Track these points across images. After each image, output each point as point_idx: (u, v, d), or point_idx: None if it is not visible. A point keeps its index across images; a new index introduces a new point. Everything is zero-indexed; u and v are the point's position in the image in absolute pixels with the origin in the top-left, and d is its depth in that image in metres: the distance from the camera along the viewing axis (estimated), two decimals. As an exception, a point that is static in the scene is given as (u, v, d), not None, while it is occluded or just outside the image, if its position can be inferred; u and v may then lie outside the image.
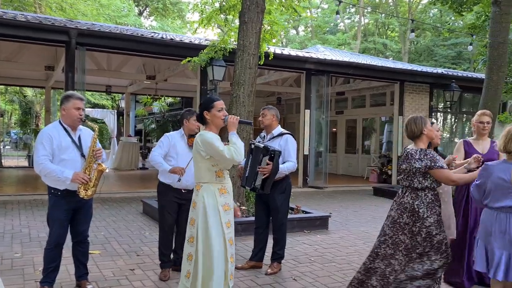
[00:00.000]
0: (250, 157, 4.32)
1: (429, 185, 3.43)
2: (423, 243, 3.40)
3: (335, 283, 4.39)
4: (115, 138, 17.15)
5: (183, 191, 4.34)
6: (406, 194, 3.50)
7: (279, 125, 4.72)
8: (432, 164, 3.38)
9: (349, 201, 10.00)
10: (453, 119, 15.37)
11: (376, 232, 6.67)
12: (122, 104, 19.86)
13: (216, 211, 3.18)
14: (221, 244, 3.15)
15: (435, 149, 3.84)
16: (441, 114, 14.70)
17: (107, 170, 3.78)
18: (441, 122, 14.75)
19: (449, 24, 27.37)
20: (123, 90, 17.92)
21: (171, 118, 18.17)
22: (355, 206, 9.38)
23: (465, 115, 15.03)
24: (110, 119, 17.36)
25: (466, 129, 14.93)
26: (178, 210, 4.41)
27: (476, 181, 3.33)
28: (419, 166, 3.41)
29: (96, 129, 3.80)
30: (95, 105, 24.33)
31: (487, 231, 3.24)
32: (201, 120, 3.35)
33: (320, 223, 6.90)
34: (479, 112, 4.33)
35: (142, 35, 10.10)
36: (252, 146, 4.35)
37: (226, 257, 3.18)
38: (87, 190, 3.65)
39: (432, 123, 3.82)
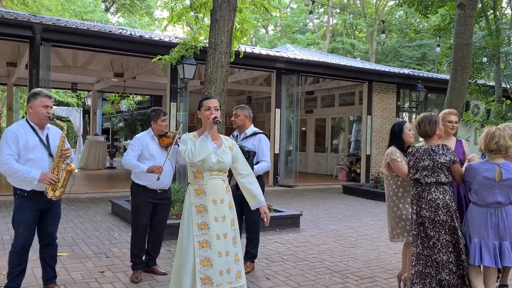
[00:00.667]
0: None
1: (451, 179, 3.58)
2: (462, 237, 3.51)
3: (308, 281, 4.41)
4: (81, 137, 16.74)
5: (159, 191, 4.28)
6: (433, 190, 3.52)
7: (252, 125, 4.69)
8: (455, 158, 3.54)
9: (319, 200, 10.10)
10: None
11: (347, 230, 6.80)
12: (89, 102, 19.39)
13: (189, 212, 3.15)
14: (189, 245, 3.09)
15: (408, 147, 3.91)
16: (407, 114, 15.06)
17: (76, 170, 3.67)
18: (412, 121, 15.09)
19: (414, 26, 28.04)
20: (89, 88, 17.49)
21: (139, 117, 17.88)
22: (325, 204, 9.48)
23: (430, 114, 15.43)
24: (76, 117, 16.92)
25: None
26: (153, 211, 4.34)
27: (465, 177, 3.57)
28: (444, 160, 3.49)
29: (65, 127, 3.68)
30: (59, 103, 23.65)
31: (479, 227, 3.45)
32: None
33: (291, 222, 6.93)
34: (446, 111, 4.30)
35: (110, 31, 9.88)
36: None
37: (195, 260, 3.05)
38: (55, 191, 3.53)
39: (405, 122, 3.97)
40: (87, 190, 10.17)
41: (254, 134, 4.59)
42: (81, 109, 18.55)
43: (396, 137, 4.06)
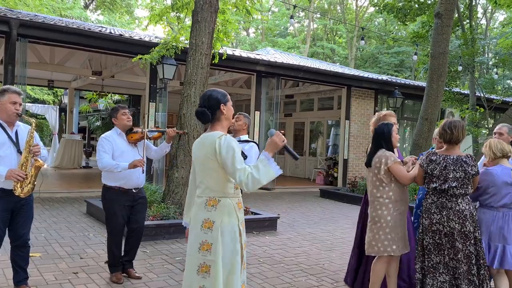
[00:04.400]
0: None
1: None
2: (482, 249, 3.51)
3: (284, 284, 4.43)
4: (56, 135, 16.42)
5: (134, 190, 4.24)
6: (460, 201, 3.44)
7: (247, 134, 4.71)
8: (478, 170, 3.53)
9: (296, 203, 10.16)
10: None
11: (323, 234, 6.86)
12: (65, 99, 19.03)
13: (235, 232, 2.63)
14: (237, 272, 2.61)
15: (391, 150, 3.77)
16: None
17: (44, 166, 3.58)
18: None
19: (393, 33, 28.53)
20: (66, 85, 17.17)
21: (117, 116, 17.65)
22: (302, 207, 9.54)
23: (406, 120, 15.71)
24: (52, 115, 16.57)
25: (407, 134, 15.60)
26: (130, 212, 4.28)
27: (479, 184, 3.68)
28: (474, 172, 3.46)
29: (34, 123, 3.57)
30: (35, 100, 23.16)
31: (487, 229, 3.71)
32: (212, 115, 2.71)
33: (268, 224, 6.96)
34: (386, 112, 4.31)
35: (89, 29, 9.73)
36: None
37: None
38: (23, 188, 3.45)
39: (392, 124, 3.83)
40: (62, 189, 9.98)
41: (247, 141, 4.61)
42: (57, 107, 18.18)
43: (386, 140, 3.75)
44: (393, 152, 3.71)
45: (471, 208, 3.48)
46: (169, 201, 6.60)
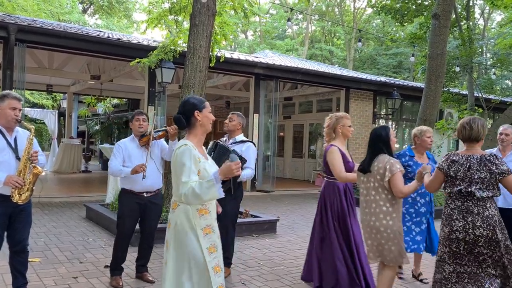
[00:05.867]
0: (212, 155, 3.98)
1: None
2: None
3: (284, 286, 4.43)
4: (55, 140, 16.41)
5: (145, 195, 4.25)
6: (488, 205, 3.14)
7: (242, 134, 4.71)
8: (509, 169, 3.17)
9: (296, 205, 10.16)
10: (394, 126, 16.04)
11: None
12: (64, 104, 19.04)
13: (194, 237, 2.68)
14: (203, 276, 2.66)
15: (392, 155, 3.65)
16: (383, 121, 15.30)
17: (43, 173, 3.58)
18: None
19: (391, 34, 28.59)
20: (65, 90, 17.20)
21: (116, 120, 17.63)
22: (302, 209, 9.54)
23: (405, 122, 15.73)
24: (51, 120, 16.57)
25: (406, 135, 15.62)
26: (141, 216, 4.31)
27: None
28: (501, 171, 3.14)
29: (32, 129, 3.57)
30: (34, 105, 23.17)
31: None
32: (187, 121, 2.76)
33: (268, 227, 6.95)
34: (342, 114, 4.33)
35: (87, 33, 9.76)
36: (218, 145, 4.25)
37: None
38: (21, 195, 3.44)
39: (389, 127, 3.75)
40: (61, 194, 9.97)
41: (243, 141, 4.61)
42: (56, 111, 18.20)
43: (386, 144, 3.60)
44: (393, 156, 3.59)
45: (499, 213, 3.19)
46: (169, 205, 6.58)
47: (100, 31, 12.61)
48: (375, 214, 3.53)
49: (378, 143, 3.61)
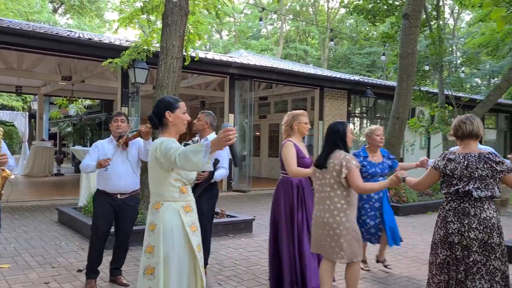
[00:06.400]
0: None
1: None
2: (508, 266, 3.02)
3: (260, 286, 4.44)
4: (26, 142, 15.99)
5: (119, 196, 4.17)
6: (486, 207, 2.97)
7: (214, 132, 4.67)
8: (508, 167, 3.01)
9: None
10: (368, 124, 16.28)
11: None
12: (35, 106, 18.57)
13: (184, 234, 2.67)
14: (189, 275, 2.66)
15: (347, 151, 3.62)
16: (358, 119, 15.51)
17: (12, 177, 3.49)
18: (358, 127, 15.55)
19: (364, 34, 28.99)
20: (35, 91, 16.80)
21: (89, 122, 17.33)
22: (278, 208, 9.55)
23: (379, 120, 15.97)
24: (21, 122, 16.12)
25: (380, 133, 15.86)
26: (116, 218, 4.23)
27: None
28: (502, 169, 2.98)
29: (1, 132, 3.48)
30: (3, 107, 22.55)
31: None
32: (159, 121, 2.77)
33: (244, 227, 6.95)
34: (299, 112, 4.34)
35: (57, 33, 9.53)
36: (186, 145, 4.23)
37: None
38: None
39: (346, 123, 3.72)
40: (32, 198, 9.73)
41: None
42: (27, 113, 17.72)
43: (342, 140, 3.55)
44: (348, 152, 3.55)
45: (498, 217, 3.02)
46: (144, 206, 6.51)
47: (71, 31, 12.36)
48: (329, 210, 3.49)
49: (335, 138, 3.55)
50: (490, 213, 2.96)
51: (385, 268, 5.09)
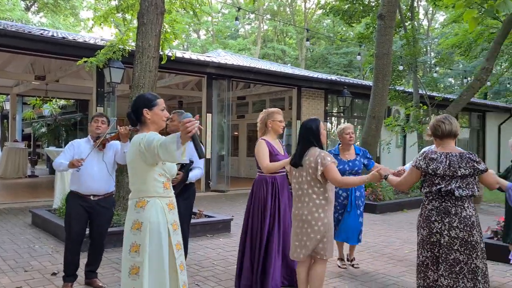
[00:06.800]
0: None
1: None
2: (486, 264, 3.09)
3: (238, 286, 4.43)
4: (-2, 144, 15.64)
5: (92, 197, 4.09)
6: (466, 205, 3.02)
7: None
8: (486, 166, 3.09)
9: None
10: (346, 123, 16.46)
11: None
12: (7, 106, 18.13)
13: (163, 232, 2.64)
14: (166, 273, 2.63)
15: (322, 148, 3.62)
16: (335, 118, 15.65)
17: None
18: (336, 126, 15.69)
19: (341, 34, 29.29)
20: (7, 91, 16.39)
21: (64, 122, 17.00)
22: (256, 208, 9.56)
23: (356, 119, 16.16)
24: (-7, 123, 15.78)
25: (358, 132, 16.04)
26: (89, 220, 4.16)
27: None
28: (483, 168, 3.03)
29: None
30: (-26, 108, 21.92)
31: None
32: (137, 119, 2.77)
33: (222, 227, 6.93)
34: (274, 110, 4.42)
35: (29, 32, 9.32)
36: None
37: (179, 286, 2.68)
38: None
39: (319, 120, 3.72)
40: (5, 200, 9.49)
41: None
42: (-1, 114, 17.35)
43: (316, 138, 3.56)
44: (323, 149, 3.56)
45: (477, 214, 3.10)
46: (120, 208, 6.43)
47: (44, 29, 12.10)
48: (307, 207, 3.48)
49: (308, 136, 3.55)
50: (470, 211, 3.01)
51: (354, 268, 5.14)
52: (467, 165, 3.00)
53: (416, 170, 3.17)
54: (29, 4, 30.22)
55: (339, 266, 5.12)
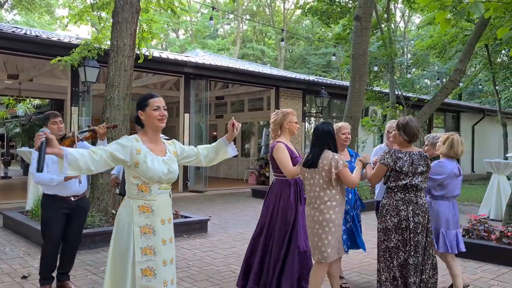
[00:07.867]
0: None
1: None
2: (433, 239, 3.66)
3: (213, 286, 4.41)
4: (-30, 144, 15.23)
5: (72, 199, 4.03)
6: (422, 195, 3.55)
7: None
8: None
9: (228, 204, 10.17)
10: (342, 122, 16.55)
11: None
12: (-21, 106, 17.68)
13: (129, 233, 2.64)
14: (127, 274, 2.61)
15: (337, 151, 3.68)
16: (314, 118, 15.75)
17: None
18: (314, 126, 15.79)
19: (319, 34, 29.48)
20: (-21, 90, 15.96)
21: (39, 122, 16.64)
22: (234, 208, 9.56)
23: (334, 119, 16.29)
24: (-36, 123, 15.35)
25: (335, 132, 16.18)
26: (67, 222, 4.07)
27: (437, 176, 3.95)
28: (430, 165, 3.63)
29: None
30: None
31: (447, 219, 3.99)
32: (137, 121, 2.84)
33: (199, 227, 6.90)
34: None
35: (1, 29, 9.10)
36: None
37: None
38: None
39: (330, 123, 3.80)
40: (-24, 202, 9.25)
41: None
42: (-30, 113, 16.87)
43: (333, 141, 3.63)
44: (337, 152, 3.61)
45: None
46: (94, 209, 6.33)
47: (17, 27, 11.83)
48: (319, 209, 3.54)
49: (327, 139, 3.60)
50: (424, 199, 3.57)
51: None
52: (424, 163, 3.52)
53: (384, 167, 3.58)
54: (2, 1, 29.51)
55: (340, 285, 4.30)
